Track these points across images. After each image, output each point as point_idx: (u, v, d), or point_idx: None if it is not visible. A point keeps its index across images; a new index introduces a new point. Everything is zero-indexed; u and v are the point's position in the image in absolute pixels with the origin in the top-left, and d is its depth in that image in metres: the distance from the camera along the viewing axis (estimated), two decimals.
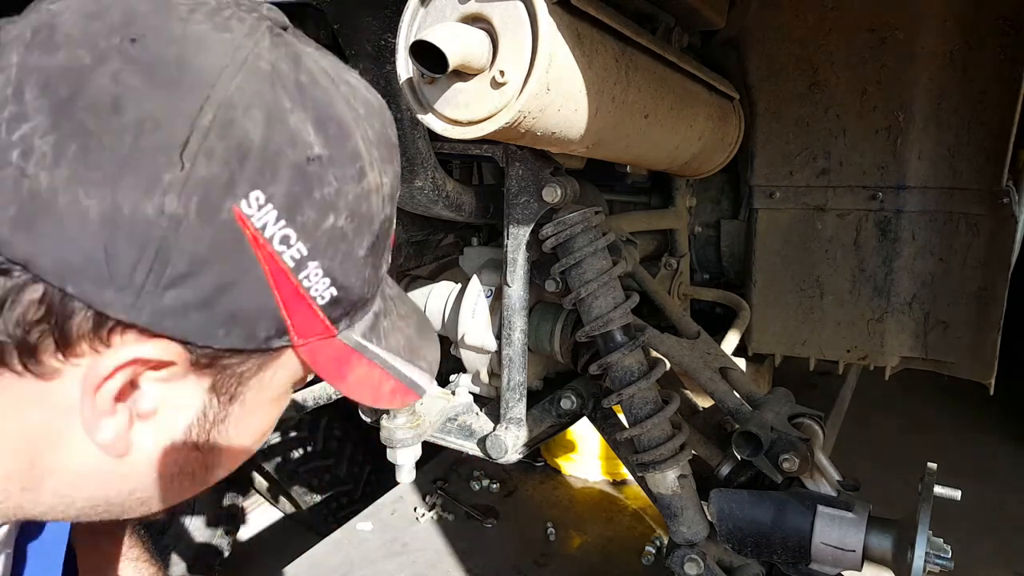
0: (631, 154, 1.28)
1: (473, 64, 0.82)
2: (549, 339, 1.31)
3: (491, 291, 1.33)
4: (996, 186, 1.63)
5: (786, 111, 1.81)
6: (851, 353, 1.91)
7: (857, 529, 1.02)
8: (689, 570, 1.13)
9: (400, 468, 1.27)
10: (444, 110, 0.88)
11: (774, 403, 1.19)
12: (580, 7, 0.90)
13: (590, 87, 0.92)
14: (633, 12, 1.29)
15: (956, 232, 1.72)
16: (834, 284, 1.88)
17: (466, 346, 1.35)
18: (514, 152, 1.14)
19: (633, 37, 1.07)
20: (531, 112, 0.85)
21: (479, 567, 2.04)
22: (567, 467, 2.76)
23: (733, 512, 1.09)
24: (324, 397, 1.57)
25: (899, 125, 1.70)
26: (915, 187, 1.73)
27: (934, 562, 0.98)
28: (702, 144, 1.50)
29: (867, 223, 1.80)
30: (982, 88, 1.61)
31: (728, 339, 1.69)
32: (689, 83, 1.37)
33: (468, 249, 1.48)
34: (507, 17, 0.82)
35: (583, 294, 1.13)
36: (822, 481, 1.08)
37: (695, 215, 2.06)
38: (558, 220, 1.13)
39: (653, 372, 1.14)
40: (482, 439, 1.26)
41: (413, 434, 1.24)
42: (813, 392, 3.10)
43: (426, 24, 0.87)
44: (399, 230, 1.38)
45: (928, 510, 1.00)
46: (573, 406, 1.27)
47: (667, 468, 1.12)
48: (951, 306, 1.77)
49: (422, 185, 1.17)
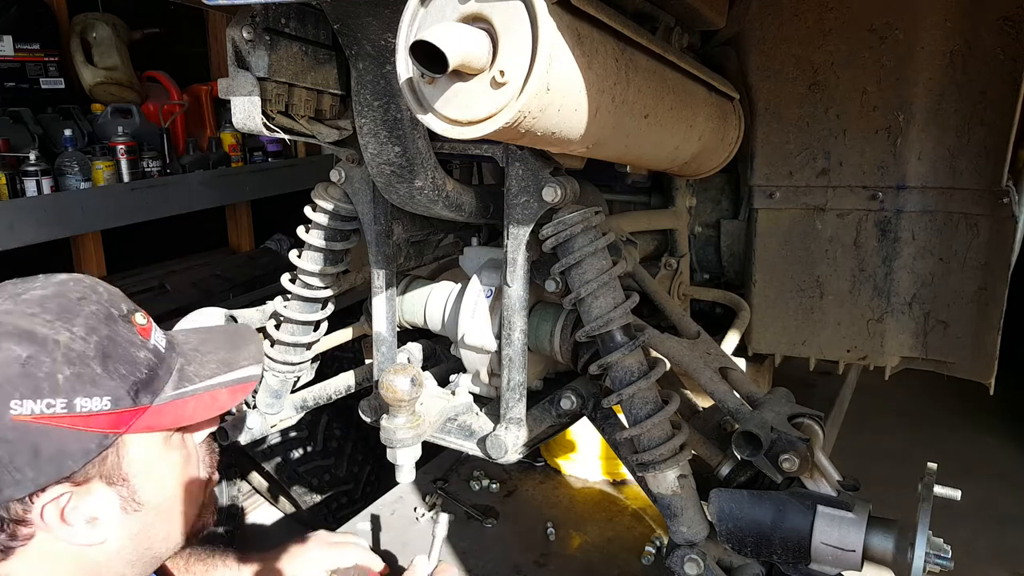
0: (631, 154, 1.28)
1: (473, 64, 0.82)
2: (549, 339, 1.31)
3: (491, 291, 1.33)
4: (996, 186, 1.63)
5: (786, 111, 1.81)
6: (851, 353, 1.91)
7: (857, 529, 1.02)
8: (689, 570, 1.13)
9: (400, 468, 1.27)
10: (444, 110, 0.88)
11: (774, 403, 1.19)
12: (580, 7, 0.90)
13: (590, 87, 0.92)
14: (633, 12, 1.29)
15: (956, 232, 1.72)
16: (834, 284, 1.88)
17: (466, 346, 1.35)
18: (514, 152, 1.14)
19: (633, 37, 1.07)
20: (531, 112, 0.85)
21: (479, 567, 2.04)
22: (567, 467, 2.75)
23: (733, 512, 1.09)
24: (324, 397, 1.56)
25: (899, 125, 1.70)
26: (915, 187, 1.73)
27: (934, 562, 0.98)
28: (702, 144, 1.50)
29: (867, 223, 1.80)
30: (982, 88, 1.61)
31: (728, 339, 1.69)
32: (689, 83, 1.37)
33: (468, 249, 1.48)
34: (507, 17, 0.82)
35: (583, 294, 1.13)
36: (822, 481, 1.08)
37: (695, 215, 2.06)
38: (558, 220, 1.13)
39: (653, 372, 1.14)
40: (482, 439, 1.25)
41: (413, 434, 1.23)
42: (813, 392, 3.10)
43: (426, 24, 0.87)
44: (400, 230, 1.38)
45: (928, 510, 1.00)
46: (573, 406, 1.27)
47: (667, 468, 1.12)
48: (951, 306, 1.77)
49: (422, 185, 1.17)
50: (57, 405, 0.92)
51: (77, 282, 1.04)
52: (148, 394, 1.01)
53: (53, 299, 0.98)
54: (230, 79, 1.10)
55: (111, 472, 0.99)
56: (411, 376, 1.17)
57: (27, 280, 1.02)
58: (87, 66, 3.58)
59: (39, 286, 1.00)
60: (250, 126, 1.11)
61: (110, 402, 0.96)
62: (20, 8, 3.35)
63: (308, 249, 1.42)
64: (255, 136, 3.59)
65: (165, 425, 1.05)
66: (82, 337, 0.96)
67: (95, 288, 1.04)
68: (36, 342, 0.93)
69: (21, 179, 3.00)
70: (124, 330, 1.02)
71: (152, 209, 3.46)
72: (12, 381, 0.90)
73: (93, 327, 0.98)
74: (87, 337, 0.96)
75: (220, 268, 3.75)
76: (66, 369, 0.93)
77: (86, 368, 0.95)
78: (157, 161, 3.55)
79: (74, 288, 1.02)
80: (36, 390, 0.91)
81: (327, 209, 1.38)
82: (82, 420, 0.94)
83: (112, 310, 1.02)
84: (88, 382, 0.94)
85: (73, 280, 1.04)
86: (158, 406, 1.02)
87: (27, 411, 0.90)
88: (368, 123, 1.12)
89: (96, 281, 1.07)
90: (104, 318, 1.00)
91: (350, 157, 1.30)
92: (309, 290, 1.44)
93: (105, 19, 3.68)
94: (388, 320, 1.39)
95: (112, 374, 0.97)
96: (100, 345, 0.97)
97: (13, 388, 0.90)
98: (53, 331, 0.94)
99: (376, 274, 1.37)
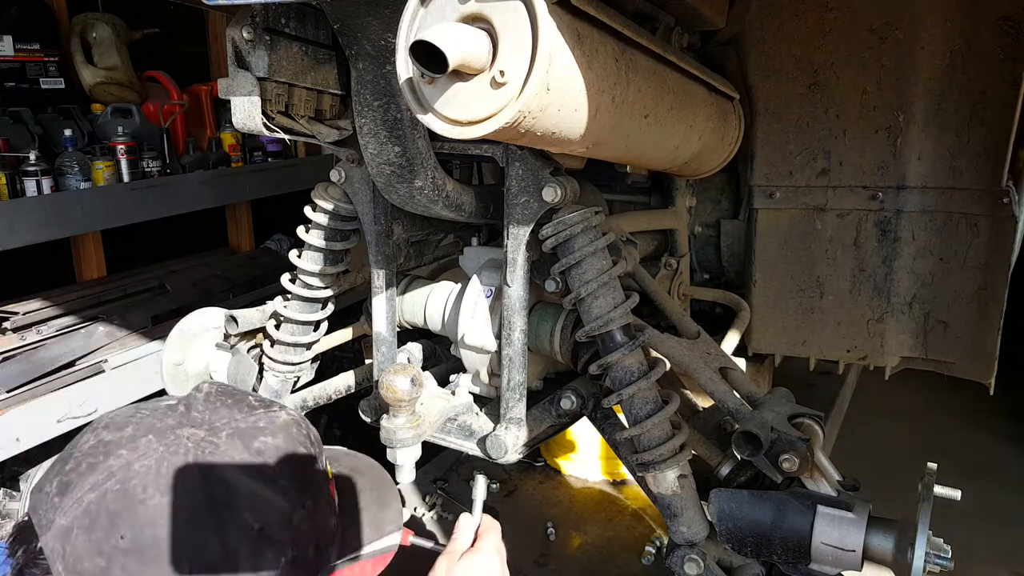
0: (631, 154, 1.28)
1: (473, 64, 0.82)
2: (549, 339, 1.31)
3: (491, 291, 1.33)
4: (996, 186, 1.63)
5: (786, 111, 1.81)
6: (851, 353, 1.91)
7: (857, 529, 1.02)
8: (689, 570, 1.13)
9: (400, 468, 1.27)
10: (444, 110, 0.88)
11: (774, 403, 1.19)
12: (580, 7, 0.90)
13: (590, 87, 0.92)
14: (633, 12, 1.28)
15: (956, 232, 1.72)
16: (834, 284, 1.88)
17: (466, 346, 1.35)
18: (514, 152, 1.14)
19: (633, 37, 1.07)
20: (531, 112, 0.85)
21: None
22: (567, 467, 2.75)
23: (733, 512, 1.09)
24: (324, 397, 1.56)
25: (899, 125, 1.70)
26: (915, 187, 1.73)
27: (934, 562, 0.98)
28: (702, 144, 1.50)
29: (867, 223, 1.80)
30: (982, 88, 1.61)
31: (728, 339, 1.69)
32: (689, 83, 1.37)
33: (468, 249, 1.48)
34: (507, 17, 0.82)
35: (583, 294, 1.13)
36: (822, 481, 1.08)
37: (695, 215, 2.06)
38: (558, 220, 1.13)
39: (653, 372, 1.14)
40: (482, 439, 1.25)
41: (413, 434, 1.24)
42: (813, 392, 3.10)
43: (426, 24, 0.87)
44: (400, 230, 1.38)
45: (928, 510, 1.00)
46: (573, 406, 1.27)
47: (667, 468, 1.12)
48: (951, 306, 1.77)
49: (422, 185, 1.17)
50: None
51: (300, 429, 0.91)
52: (324, 560, 0.90)
53: (290, 462, 0.86)
54: (230, 79, 1.10)
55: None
56: (411, 376, 1.17)
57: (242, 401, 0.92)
58: (87, 66, 3.58)
59: (266, 428, 0.88)
60: (250, 126, 1.11)
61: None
62: (20, 8, 3.35)
63: (308, 249, 1.42)
64: (255, 136, 3.59)
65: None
66: (309, 519, 0.85)
67: (311, 439, 0.92)
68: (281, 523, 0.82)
69: (21, 179, 3.00)
70: (326, 492, 0.91)
71: (152, 209, 3.45)
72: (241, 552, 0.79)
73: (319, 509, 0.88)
74: (313, 519, 0.86)
75: (220, 268, 3.74)
76: (289, 551, 0.82)
77: (303, 553, 0.84)
78: (157, 161, 3.55)
79: (301, 442, 0.90)
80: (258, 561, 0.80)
81: (327, 209, 1.38)
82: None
83: (319, 468, 0.91)
84: (302, 566, 0.84)
85: (296, 425, 0.91)
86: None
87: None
88: (368, 123, 1.12)
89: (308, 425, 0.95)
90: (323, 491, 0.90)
91: (350, 157, 1.30)
92: (309, 290, 1.44)
93: (105, 19, 3.67)
94: (388, 320, 1.39)
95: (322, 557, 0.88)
96: (316, 530, 0.86)
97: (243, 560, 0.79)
98: (295, 513, 0.83)
99: (376, 274, 1.37)
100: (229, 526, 0.78)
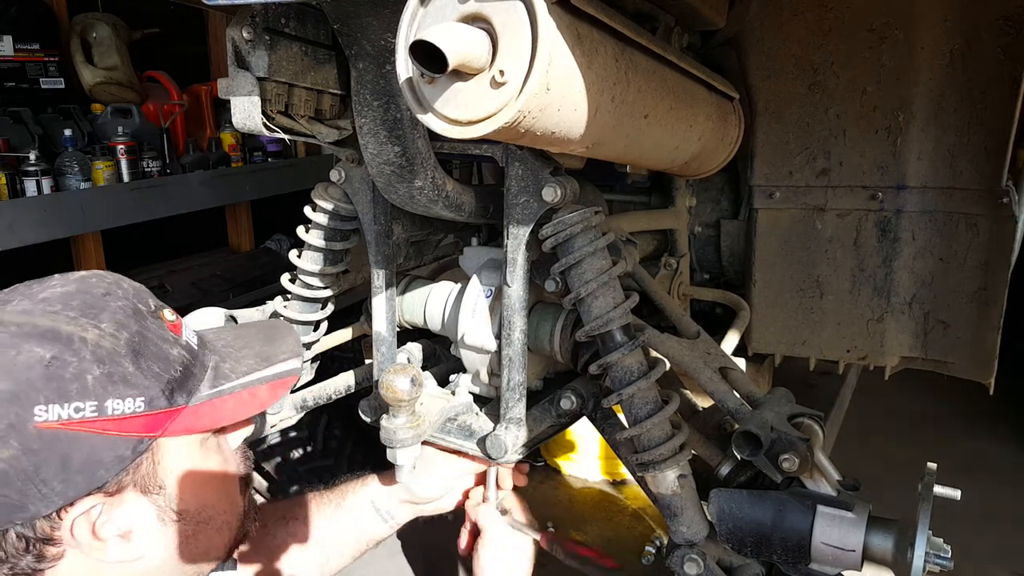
0: (631, 154, 1.28)
1: (473, 64, 0.82)
2: (549, 339, 1.31)
3: (491, 291, 1.33)
4: (996, 186, 1.63)
5: (786, 111, 1.81)
6: (851, 353, 1.91)
7: (857, 529, 1.02)
8: (689, 570, 1.13)
9: (400, 468, 1.27)
10: (444, 110, 0.88)
11: (774, 403, 1.19)
12: (580, 7, 0.90)
13: (590, 87, 0.92)
14: (633, 12, 1.29)
15: (956, 232, 1.72)
16: (834, 284, 1.88)
17: (466, 346, 1.35)
18: (514, 152, 1.14)
19: (633, 37, 1.07)
20: (531, 112, 0.85)
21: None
22: (567, 467, 2.76)
23: (733, 512, 1.09)
24: (324, 397, 1.56)
25: (899, 125, 1.70)
26: (915, 187, 1.73)
27: (934, 562, 0.98)
28: (702, 144, 1.50)
29: (867, 223, 1.80)
30: (982, 88, 1.61)
31: (728, 339, 1.69)
32: (689, 83, 1.37)
33: (468, 249, 1.48)
34: (507, 17, 0.82)
35: (583, 294, 1.13)
36: (822, 481, 1.08)
37: (695, 215, 2.06)
38: (558, 220, 1.13)
39: (653, 372, 1.14)
40: (482, 439, 1.25)
41: (413, 434, 1.24)
42: (813, 392, 3.10)
43: (426, 24, 0.87)
44: (399, 230, 1.38)
45: (928, 510, 1.00)
46: (573, 406, 1.27)
47: (667, 468, 1.12)
48: (951, 306, 1.77)
49: (422, 185, 1.17)
50: (87, 409, 0.83)
51: (100, 278, 0.95)
52: (183, 394, 0.93)
53: (76, 295, 0.90)
54: (230, 79, 1.10)
55: (146, 480, 0.91)
56: (411, 376, 1.17)
57: (42, 280, 0.93)
58: (87, 66, 3.59)
59: (57, 283, 0.92)
60: (250, 126, 1.11)
61: (144, 403, 0.88)
62: (20, 8, 3.35)
63: (308, 249, 1.42)
64: (255, 136, 3.60)
65: (203, 427, 0.97)
66: (111, 334, 0.88)
67: (119, 283, 0.96)
68: (60, 341, 0.84)
69: (21, 179, 3.00)
70: (154, 326, 0.94)
71: (152, 209, 3.46)
72: (35, 385, 0.81)
73: (121, 323, 0.90)
74: (116, 333, 0.88)
75: (220, 268, 3.75)
76: (95, 369, 0.85)
77: (117, 367, 0.86)
78: (157, 161, 3.55)
79: (97, 284, 0.94)
80: (62, 393, 0.82)
81: (327, 209, 1.38)
82: (114, 424, 0.85)
83: (140, 306, 0.94)
84: (120, 382, 0.86)
85: (95, 276, 0.96)
86: (195, 406, 0.94)
87: (53, 417, 0.81)
88: (368, 123, 1.12)
89: (119, 276, 0.98)
90: (132, 314, 0.92)
91: (350, 157, 1.30)
92: (309, 290, 1.44)
93: (105, 19, 3.68)
94: (388, 320, 1.39)
95: (145, 373, 0.89)
96: (130, 342, 0.89)
97: (36, 392, 0.81)
98: (79, 328, 0.86)
99: (376, 274, 1.37)
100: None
